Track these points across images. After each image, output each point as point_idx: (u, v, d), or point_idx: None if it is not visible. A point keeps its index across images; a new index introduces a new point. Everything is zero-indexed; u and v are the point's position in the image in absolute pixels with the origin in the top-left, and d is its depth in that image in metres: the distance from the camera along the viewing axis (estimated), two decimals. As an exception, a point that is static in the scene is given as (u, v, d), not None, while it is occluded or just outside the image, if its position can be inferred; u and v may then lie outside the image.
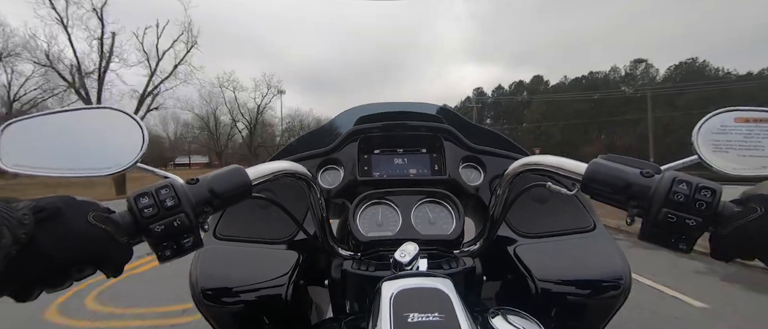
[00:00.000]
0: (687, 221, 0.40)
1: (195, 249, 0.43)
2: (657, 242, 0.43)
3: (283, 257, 0.69)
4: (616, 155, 0.48)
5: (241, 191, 0.48)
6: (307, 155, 0.85)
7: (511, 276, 0.71)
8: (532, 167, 0.56)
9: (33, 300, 0.37)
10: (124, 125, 0.46)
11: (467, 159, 0.87)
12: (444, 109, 0.97)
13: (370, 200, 0.74)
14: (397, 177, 0.81)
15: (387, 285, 0.45)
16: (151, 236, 0.40)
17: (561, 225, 0.75)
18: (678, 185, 0.40)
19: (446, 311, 0.39)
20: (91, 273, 0.39)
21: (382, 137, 0.87)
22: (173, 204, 0.41)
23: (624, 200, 0.44)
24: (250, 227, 0.75)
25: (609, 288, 0.63)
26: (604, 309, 0.64)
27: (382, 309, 0.41)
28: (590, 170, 0.47)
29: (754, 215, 0.38)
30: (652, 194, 0.42)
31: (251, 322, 0.64)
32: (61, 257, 0.35)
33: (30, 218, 0.34)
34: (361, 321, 0.49)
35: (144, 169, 0.46)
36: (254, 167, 0.52)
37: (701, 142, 0.46)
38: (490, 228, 0.69)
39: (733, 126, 0.46)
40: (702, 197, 0.39)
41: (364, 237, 0.67)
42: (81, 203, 0.39)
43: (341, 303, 0.67)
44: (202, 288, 0.62)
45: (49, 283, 0.36)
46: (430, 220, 0.72)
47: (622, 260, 0.66)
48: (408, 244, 0.56)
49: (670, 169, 0.44)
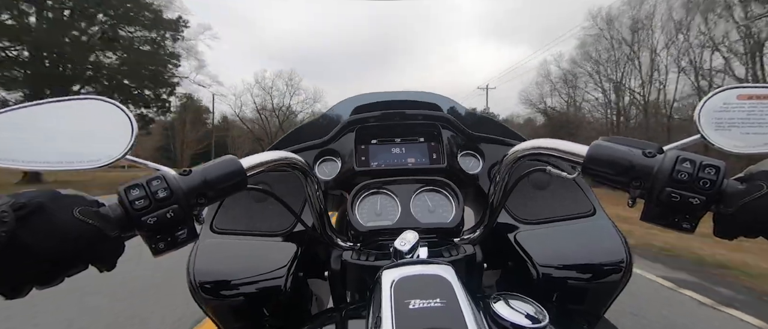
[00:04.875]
0: (690, 200, 0.39)
1: (189, 241, 0.42)
2: (660, 222, 0.42)
3: (282, 249, 0.68)
4: (618, 137, 0.47)
5: (236, 181, 0.47)
6: (304, 146, 0.84)
7: (512, 263, 0.70)
8: (532, 151, 0.56)
9: (24, 297, 0.36)
10: (112, 115, 0.44)
11: (465, 147, 0.87)
12: (442, 97, 0.96)
13: (369, 190, 0.74)
14: (395, 167, 0.81)
15: (387, 273, 0.44)
16: (144, 229, 0.39)
17: (561, 211, 0.75)
18: (681, 164, 0.40)
19: (448, 297, 0.39)
20: (83, 268, 0.38)
21: (379, 127, 0.86)
22: (165, 196, 0.40)
23: (626, 181, 0.43)
24: (247, 221, 0.74)
25: (610, 271, 0.63)
26: (606, 292, 0.64)
27: (383, 297, 0.40)
28: (591, 151, 0.46)
29: (759, 192, 0.37)
30: (655, 173, 0.41)
31: (251, 315, 0.63)
32: (48, 253, 0.34)
33: (10, 216, 0.32)
34: (362, 309, 0.49)
35: (134, 161, 0.45)
36: (249, 157, 0.51)
37: (704, 120, 0.45)
38: (489, 216, 0.68)
39: (735, 104, 0.45)
40: (706, 175, 0.39)
41: (363, 227, 0.67)
42: (66, 198, 0.37)
43: (341, 293, 0.66)
44: (200, 281, 0.61)
45: (38, 280, 0.35)
46: (430, 208, 0.72)
47: (622, 244, 0.66)
48: (408, 232, 0.55)
49: (673, 148, 0.44)
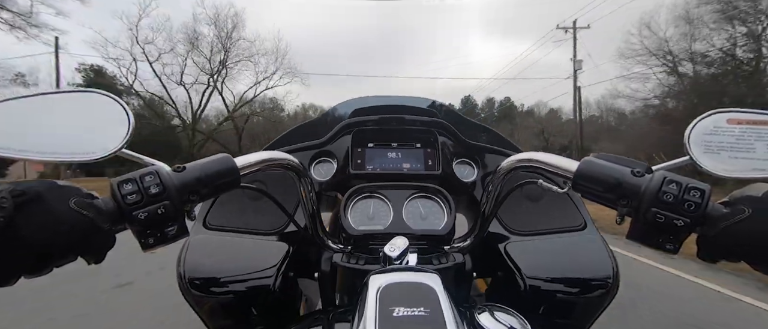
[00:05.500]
0: (675, 222, 0.39)
1: (179, 237, 0.43)
2: (644, 242, 0.43)
3: (273, 248, 0.68)
4: (609, 154, 0.47)
5: (229, 180, 0.47)
6: (300, 146, 0.85)
7: (501, 273, 0.71)
8: (525, 163, 0.56)
9: (11, 286, 0.36)
10: (109, 109, 0.45)
11: (461, 155, 0.87)
12: (440, 104, 0.96)
13: (362, 194, 0.74)
14: (390, 171, 0.81)
15: (374, 279, 0.45)
16: (135, 224, 0.40)
17: (552, 223, 0.75)
18: (668, 185, 0.40)
19: (432, 306, 0.39)
20: (72, 259, 0.38)
21: (376, 131, 0.87)
22: (158, 192, 0.40)
23: (614, 199, 0.44)
24: (240, 218, 0.74)
25: (597, 287, 0.64)
26: (592, 307, 0.65)
27: (368, 303, 0.40)
28: (581, 168, 0.46)
29: (741, 216, 0.37)
30: (641, 193, 0.41)
31: (239, 312, 0.63)
32: (41, 242, 0.35)
33: (9, 202, 0.33)
34: (349, 313, 0.49)
35: (129, 155, 0.45)
36: (243, 157, 0.51)
37: (693, 143, 0.45)
38: (481, 225, 0.68)
39: (725, 127, 0.45)
40: (691, 197, 0.39)
41: (355, 231, 0.67)
42: (63, 188, 0.38)
43: (331, 296, 0.67)
44: (190, 277, 0.62)
45: (28, 269, 0.36)
46: (422, 215, 0.72)
47: (611, 259, 0.66)
48: (398, 238, 0.55)
49: (661, 169, 0.44)
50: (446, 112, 0.93)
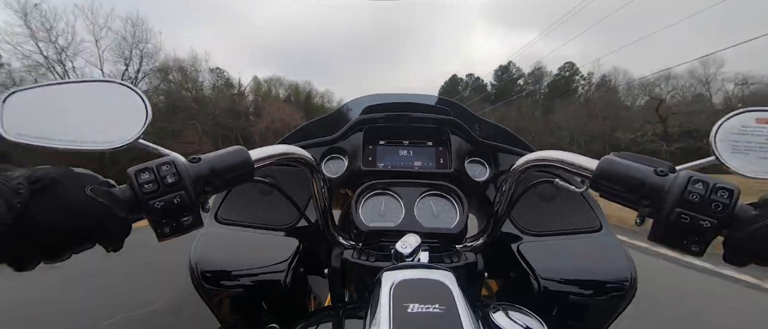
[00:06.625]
0: (701, 223, 0.38)
1: (194, 228, 0.43)
2: (668, 243, 0.41)
3: (284, 243, 0.68)
4: (629, 153, 0.46)
5: (243, 172, 0.47)
6: (312, 142, 0.85)
7: (513, 274, 0.70)
8: (540, 162, 0.55)
9: (30, 270, 0.36)
10: (127, 99, 0.45)
11: (473, 154, 0.86)
12: (452, 102, 0.96)
13: (374, 191, 0.74)
14: (402, 169, 0.80)
15: (387, 275, 0.44)
16: (151, 213, 0.40)
17: (567, 224, 0.74)
18: (693, 185, 0.39)
19: (447, 303, 0.38)
20: (90, 246, 0.38)
21: (388, 128, 0.86)
22: (174, 181, 0.40)
23: (635, 199, 0.43)
24: (252, 212, 0.74)
25: (613, 289, 0.62)
26: (608, 310, 0.63)
27: (382, 299, 0.40)
28: (601, 166, 0.45)
29: None
30: (665, 193, 0.40)
31: (249, 307, 0.64)
32: (57, 228, 0.35)
33: (25, 188, 0.33)
34: (360, 310, 0.49)
35: (146, 145, 0.45)
36: (257, 149, 0.51)
37: (720, 142, 0.44)
38: (493, 224, 0.68)
39: (754, 127, 0.44)
40: (718, 198, 0.38)
41: (366, 227, 0.67)
42: (79, 175, 0.38)
43: (340, 292, 0.66)
44: (202, 270, 0.62)
45: (46, 254, 0.36)
46: (434, 213, 0.71)
47: (628, 261, 0.65)
48: (410, 236, 0.55)
49: (685, 169, 0.43)
50: (458, 110, 0.92)
